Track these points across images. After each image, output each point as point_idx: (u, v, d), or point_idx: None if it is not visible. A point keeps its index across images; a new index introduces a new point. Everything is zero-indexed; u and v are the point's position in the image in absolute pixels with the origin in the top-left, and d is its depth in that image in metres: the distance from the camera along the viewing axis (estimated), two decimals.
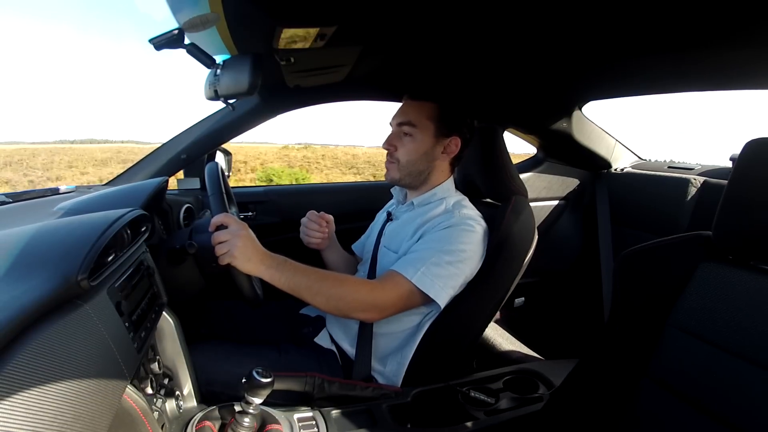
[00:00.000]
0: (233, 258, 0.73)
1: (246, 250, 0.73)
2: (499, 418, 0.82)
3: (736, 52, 0.78)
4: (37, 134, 60.86)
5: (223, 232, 0.74)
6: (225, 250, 0.73)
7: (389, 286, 0.82)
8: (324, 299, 0.78)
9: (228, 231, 0.74)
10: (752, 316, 0.55)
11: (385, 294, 0.81)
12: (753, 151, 0.57)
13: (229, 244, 0.73)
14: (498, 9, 0.66)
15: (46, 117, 67.76)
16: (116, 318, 0.52)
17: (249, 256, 0.73)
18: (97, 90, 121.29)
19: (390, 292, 0.81)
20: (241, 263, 0.73)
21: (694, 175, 1.39)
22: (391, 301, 0.81)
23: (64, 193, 1.04)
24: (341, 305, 0.79)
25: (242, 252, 0.73)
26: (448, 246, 0.85)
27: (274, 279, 0.75)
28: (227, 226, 0.75)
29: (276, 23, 0.64)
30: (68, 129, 73.98)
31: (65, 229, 0.52)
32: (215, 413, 0.73)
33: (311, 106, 1.32)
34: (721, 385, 0.56)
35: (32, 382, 0.36)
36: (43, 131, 64.17)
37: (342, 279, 0.81)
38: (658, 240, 0.67)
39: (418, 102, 0.95)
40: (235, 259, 0.73)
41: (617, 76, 1.09)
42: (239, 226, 0.75)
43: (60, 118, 63.91)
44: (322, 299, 0.77)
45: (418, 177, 0.96)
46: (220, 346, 0.90)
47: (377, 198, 1.26)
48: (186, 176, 1.33)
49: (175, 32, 0.69)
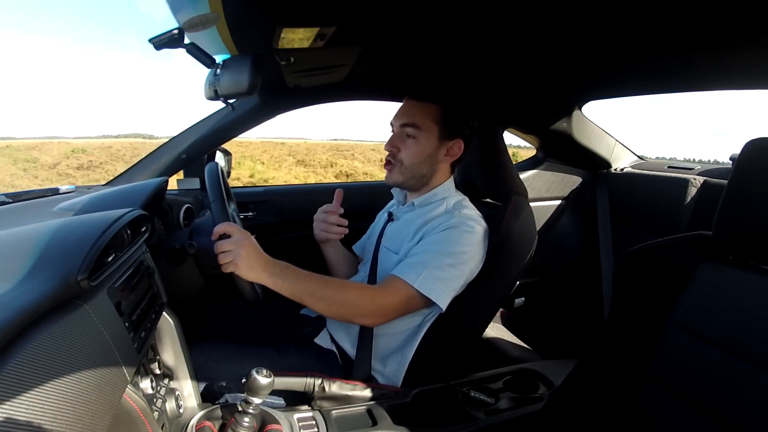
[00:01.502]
0: (236, 267, 0.72)
1: (249, 259, 0.73)
2: (499, 418, 0.82)
3: (736, 52, 0.78)
4: (78, 130, 59.98)
5: (227, 242, 0.73)
6: (228, 260, 0.73)
7: (390, 291, 0.82)
8: (326, 305, 0.78)
9: (231, 240, 0.73)
10: (752, 315, 0.55)
11: (386, 299, 0.81)
12: (753, 151, 0.57)
13: (232, 254, 0.72)
14: (498, 9, 0.66)
15: (88, 113, 66.40)
16: (116, 318, 0.52)
17: (252, 265, 0.73)
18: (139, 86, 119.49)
19: (392, 297, 0.81)
20: (245, 272, 0.73)
21: (694, 175, 1.39)
22: (392, 306, 0.82)
23: (64, 193, 1.04)
24: (343, 311, 0.79)
25: (245, 261, 0.72)
26: (448, 248, 0.84)
27: (277, 286, 0.75)
28: (230, 235, 0.74)
29: (276, 23, 0.64)
30: (110, 125, 73.03)
31: (65, 229, 0.52)
32: (215, 413, 0.73)
33: (310, 106, 1.32)
34: (721, 385, 0.56)
35: (32, 382, 0.36)
36: (85, 127, 63.06)
37: (344, 285, 0.82)
38: (658, 240, 0.67)
39: (421, 103, 0.94)
40: (238, 268, 0.73)
41: (617, 76, 1.08)
42: (242, 236, 0.75)
43: (102, 114, 62.94)
44: (324, 305, 0.78)
45: (420, 180, 0.96)
46: (220, 346, 0.90)
47: (377, 198, 1.26)
48: (186, 176, 1.32)
49: (175, 32, 0.69)
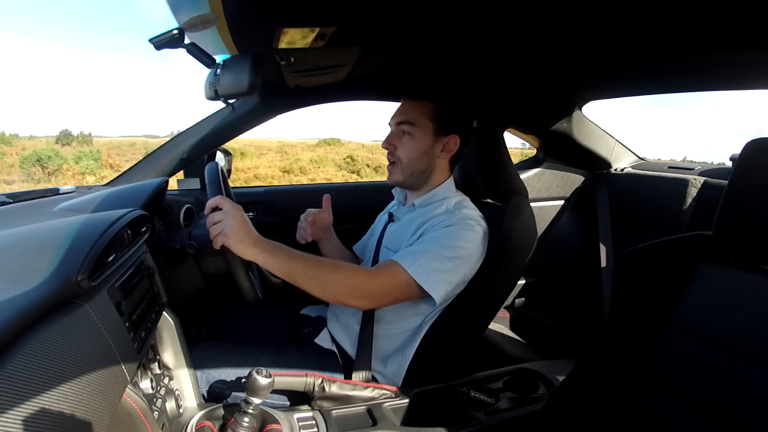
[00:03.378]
0: (226, 237, 0.72)
1: (239, 232, 0.72)
2: (499, 418, 0.82)
3: (736, 52, 0.78)
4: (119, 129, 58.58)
5: (218, 213, 0.74)
6: (218, 231, 0.72)
7: (385, 274, 0.81)
8: (319, 285, 0.76)
9: (222, 212, 0.74)
10: (752, 315, 0.55)
11: (380, 282, 0.80)
12: (753, 151, 0.57)
13: (222, 224, 0.72)
14: (498, 9, 0.66)
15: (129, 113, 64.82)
16: (116, 318, 0.52)
17: (242, 238, 0.72)
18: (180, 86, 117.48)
19: (386, 280, 0.80)
20: (235, 244, 0.72)
21: (694, 175, 1.39)
22: (386, 289, 0.80)
23: (64, 193, 1.04)
24: (336, 291, 0.78)
25: (235, 233, 0.72)
26: (447, 242, 0.84)
27: (268, 263, 0.74)
28: (222, 208, 0.74)
29: (276, 23, 0.64)
30: (154, 124, 71.25)
31: (65, 229, 0.52)
32: (215, 413, 0.73)
33: (310, 106, 1.32)
34: (721, 385, 0.56)
35: (32, 382, 0.36)
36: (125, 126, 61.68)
37: (338, 265, 0.80)
38: (658, 240, 0.67)
39: (417, 101, 0.95)
40: (228, 238, 0.72)
41: (617, 76, 1.09)
42: (233, 207, 0.74)
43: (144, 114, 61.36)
44: (317, 285, 0.76)
45: (420, 177, 0.96)
46: (220, 346, 0.90)
47: (377, 198, 1.26)
48: (186, 176, 1.33)
49: (175, 32, 0.69)
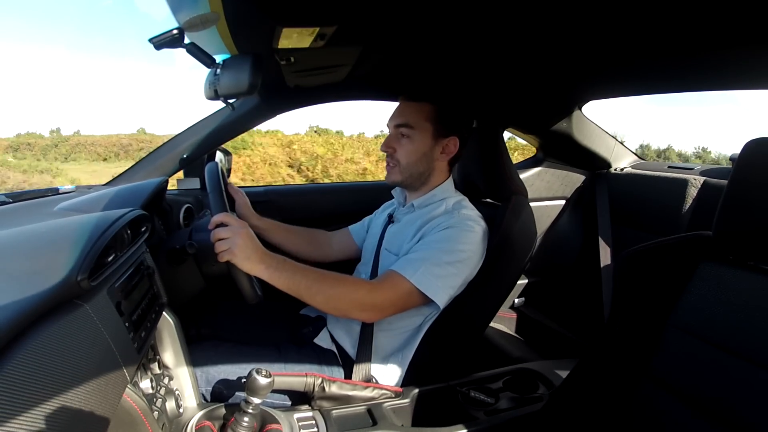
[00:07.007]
0: (233, 255, 0.72)
1: (246, 249, 0.73)
2: (499, 418, 0.82)
3: (736, 52, 0.77)
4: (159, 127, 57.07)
5: (224, 230, 0.74)
6: (225, 248, 0.73)
7: (388, 286, 0.81)
8: (323, 299, 0.77)
9: (228, 229, 0.74)
10: (752, 315, 0.55)
11: (383, 294, 0.81)
12: (753, 151, 0.57)
13: (229, 242, 0.73)
14: (498, 9, 0.66)
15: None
16: (116, 318, 0.52)
17: (248, 255, 0.73)
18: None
19: (389, 291, 0.81)
20: (241, 261, 0.73)
21: (694, 175, 1.39)
22: (389, 300, 0.81)
23: (64, 193, 1.04)
24: (340, 305, 0.79)
25: (242, 250, 0.72)
26: (447, 246, 0.84)
27: (273, 278, 0.75)
28: (227, 225, 0.75)
29: (276, 23, 0.64)
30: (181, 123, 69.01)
31: (65, 229, 0.52)
32: (215, 413, 0.73)
33: (310, 106, 1.32)
34: (721, 385, 0.56)
35: (32, 382, 0.36)
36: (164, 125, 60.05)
37: (341, 279, 0.81)
38: (658, 240, 0.67)
39: (415, 103, 0.94)
40: (234, 256, 0.72)
41: (617, 76, 1.08)
42: (240, 225, 0.75)
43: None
44: (321, 299, 0.77)
45: (419, 178, 0.96)
46: (220, 346, 0.90)
47: (377, 198, 1.26)
48: (186, 176, 1.32)
49: (175, 32, 0.69)
